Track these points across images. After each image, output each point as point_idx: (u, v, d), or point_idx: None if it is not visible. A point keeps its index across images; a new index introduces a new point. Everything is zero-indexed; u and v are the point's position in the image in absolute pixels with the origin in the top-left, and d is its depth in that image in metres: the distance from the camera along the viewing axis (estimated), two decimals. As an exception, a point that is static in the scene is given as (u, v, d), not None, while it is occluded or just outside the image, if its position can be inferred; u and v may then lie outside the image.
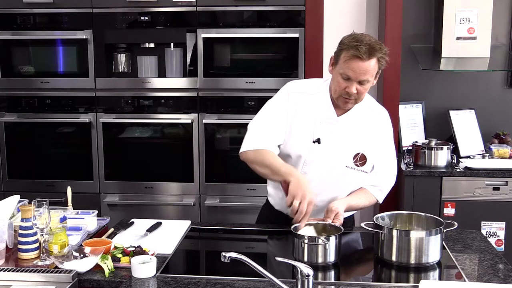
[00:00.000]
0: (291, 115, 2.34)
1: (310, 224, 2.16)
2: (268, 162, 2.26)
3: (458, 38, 3.78)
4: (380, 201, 2.42)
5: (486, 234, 3.46)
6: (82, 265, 1.98)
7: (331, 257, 2.03)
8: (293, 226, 2.11)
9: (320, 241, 2.01)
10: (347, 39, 2.21)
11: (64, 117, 3.93)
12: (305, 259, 2.01)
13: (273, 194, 2.48)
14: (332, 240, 2.02)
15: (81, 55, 3.85)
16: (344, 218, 2.30)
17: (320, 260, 2.02)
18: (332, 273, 2.03)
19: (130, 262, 1.98)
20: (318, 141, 2.31)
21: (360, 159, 2.33)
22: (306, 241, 2.02)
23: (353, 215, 2.56)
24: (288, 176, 2.19)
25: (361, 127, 2.34)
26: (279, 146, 2.36)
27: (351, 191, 2.38)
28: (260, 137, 2.33)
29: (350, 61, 2.16)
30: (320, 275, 1.98)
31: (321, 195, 2.32)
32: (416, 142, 3.69)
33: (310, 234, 2.12)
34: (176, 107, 3.85)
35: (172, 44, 3.80)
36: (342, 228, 2.12)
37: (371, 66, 2.15)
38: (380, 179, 2.40)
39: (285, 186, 2.19)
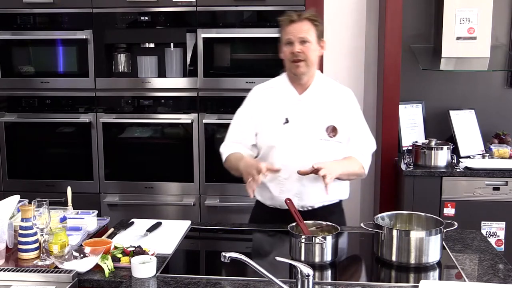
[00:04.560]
0: (258, 114, 2.52)
1: (307, 224, 2.17)
2: (234, 166, 2.46)
3: (458, 38, 3.78)
4: (366, 168, 2.54)
5: (486, 234, 3.46)
6: (82, 265, 1.98)
7: (328, 257, 2.04)
8: (290, 226, 2.12)
9: (317, 240, 2.01)
10: (281, 18, 2.48)
11: (64, 117, 3.93)
12: (302, 258, 2.02)
13: (261, 191, 2.53)
14: (329, 239, 2.03)
15: (81, 55, 3.85)
16: (331, 205, 2.48)
17: (317, 259, 2.03)
18: (329, 272, 2.04)
19: (130, 262, 1.98)
20: (286, 121, 2.46)
21: (332, 131, 2.46)
22: (303, 240, 2.03)
23: (340, 201, 2.61)
24: (240, 163, 2.40)
25: (326, 102, 2.50)
26: (255, 144, 2.54)
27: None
28: (228, 146, 2.57)
29: (286, 26, 2.42)
30: (317, 274, 1.99)
31: (303, 168, 2.37)
32: (416, 142, 3.69)
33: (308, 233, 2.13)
34: (176, 107, 3.85)
35: (172, 44, 3.80)
36: (339, 227, 2.13)
37: (305, 26, 2.41)
38: (360, 146, 2.53)
39: (290, 203, 2.24)
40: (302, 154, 2.43)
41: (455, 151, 3.74)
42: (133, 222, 2.52)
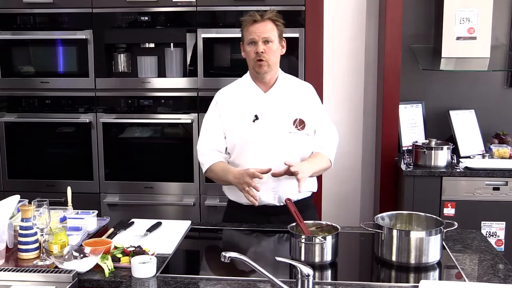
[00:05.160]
0: (226, 116, 2.58)
1: (307, 224, 2.18)
2: (221, 178, 2.55)
3: (458, 38, 3.78)
4: (332, 159, 2.64)
5: (486, 234, 3.46)
6: (82, 265, 1.98)
7: (328, 257, 2.04)
8: (290, 226, 2.12)
9: (317, 240, 2.02)
10: (243, 18, 2.56)
11: (64, 117, 3.93)
12: (302, 258, 2.03)
13: (235, 191, 2.55)
14: (329, 239, 2.03)
15: (81, 55, 3.85)
16: (304, 199, 2.57)
17: (317, 259, 2.03)
18: (329, 272, 2.04)
19: (130, 262, 1.98)
20: (256, 117, 2.54)
21: (300, 124, 2.55)
22: (303, 240, 2.03)
23: (312, 194, 2.68)
24: (229, 176, 2.48)
25: (291, 97, 2.59)
26: (227, 147, 2.60)
27: (303, 156, 2.57)
28: (206, 155, 2.61)
29: (249, 26, 2.49)
30: (317, 274, 1.99)
31: (279, 165, 2.47)
32: (416, 142, 3.69)
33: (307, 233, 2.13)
34: (176, 107, 3.85)
35: (172, 44, 3.80)
36: (339, 227, 2.13)
37: (268, 26, 2.49)
38: (324, 139, 2.63)
39: (290, 203, 2.26)
40: (274, 148, 2.53)
41: (455, 151, 3.73)
42: (133, 222, 2.52)
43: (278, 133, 2.53)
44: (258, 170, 2.38)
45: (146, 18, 3.78)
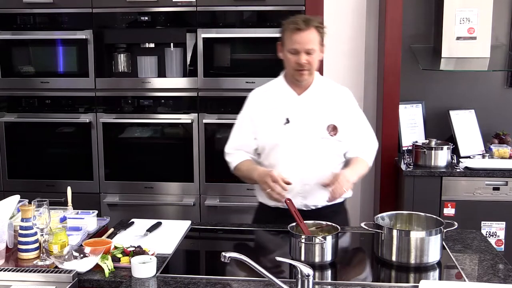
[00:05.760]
0: (257, 117, 2.54)
1: (307, 224, 2.17)
2: (247, 176, 2.53)
3: (458, 38, 3.78)
4: (370, 164, 2.61)
5: (486, 234, 3.46)
6: (82, 265, 1.98)
7: (328, 257, 2.04)
8: (290, 226, 2.12)
9: (317, 240, 2.01)
10: (286, 22, 2.46)
11: (64, 117, 3.93)
12: (302, 258, 2.03)
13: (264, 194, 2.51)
14: (329, 239, 2.03)
15: (81, 55, 3.85)
16: (335, 204, 2.51)
17: (317, 259, 2.03)
18: (329, 272, 2.04)
19: (130, 262, 1.98)
20: (287, 121, 2.49)
21: (333, 129, 2.49)
22: (303, 240, 2.03)
23: (344, 200, 2.65)
24: (254, 174, 2.45)
25: (325, 101, 2.53)
26: (257, 148, 2.57)
27: (334, 162, 2.53)
28: (234, 155, 2.60)
29: (293, 35, 2.40)
30: (317, 274, 1.99)
31: (308, 170, 2.46)
32: (416, 142, 3.69)
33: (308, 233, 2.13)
34: (176, 107, 3.85)
35: (172, 44, 3.80)
36: (339, 227, 2.13)
37: (311, 35, 2.40)
38: (363, 145, 2.59)
39: (290, 203, 2.25)
40: (305, 153, 2.47)
41: (455, 151, 3.73)
42: (133, 222, 2.52)
43: (309, 137, 2.47)
44: (282, 178, 2.33)
45: (146, 18, 3.78)
